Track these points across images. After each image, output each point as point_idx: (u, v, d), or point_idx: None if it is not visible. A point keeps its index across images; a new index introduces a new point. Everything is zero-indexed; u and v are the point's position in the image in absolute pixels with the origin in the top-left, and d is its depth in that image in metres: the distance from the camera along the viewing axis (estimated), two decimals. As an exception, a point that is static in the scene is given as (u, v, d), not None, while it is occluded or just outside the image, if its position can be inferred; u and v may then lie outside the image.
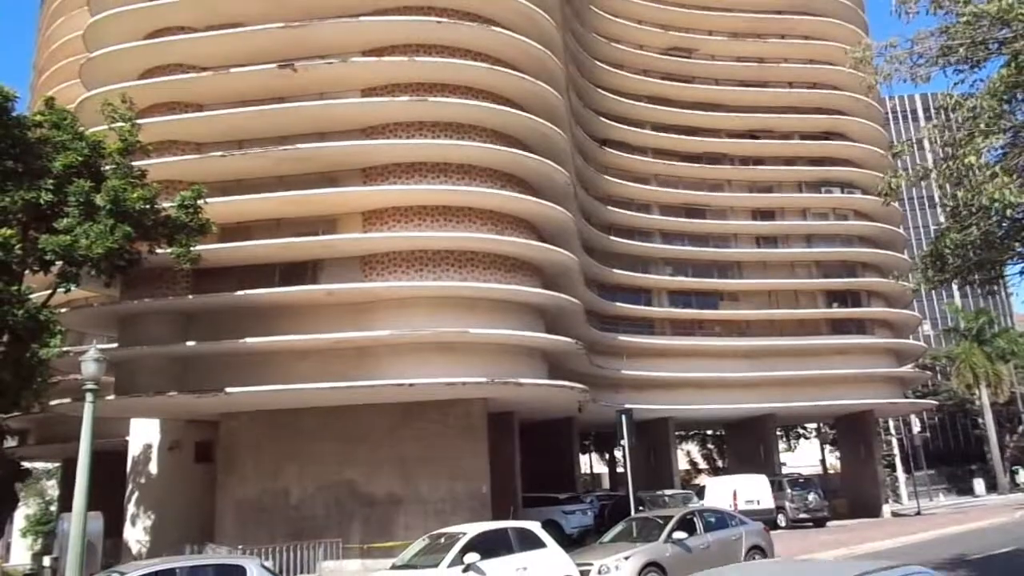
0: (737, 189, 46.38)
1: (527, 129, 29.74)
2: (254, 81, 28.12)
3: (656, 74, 45.73)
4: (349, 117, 28.07)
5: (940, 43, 11.46)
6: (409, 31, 28.33)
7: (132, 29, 29.56)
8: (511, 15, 29.88)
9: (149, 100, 28.26)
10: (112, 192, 21.33)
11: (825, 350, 43.74)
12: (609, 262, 39.50)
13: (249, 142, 28.34)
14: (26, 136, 21.44)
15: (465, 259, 27.65)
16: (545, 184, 30.50)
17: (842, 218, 47.17)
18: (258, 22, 28.25)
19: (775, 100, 47.45)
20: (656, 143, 44.59)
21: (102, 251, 20.77)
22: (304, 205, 27.47)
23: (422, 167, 27.97)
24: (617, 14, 44.39)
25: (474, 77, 28.81)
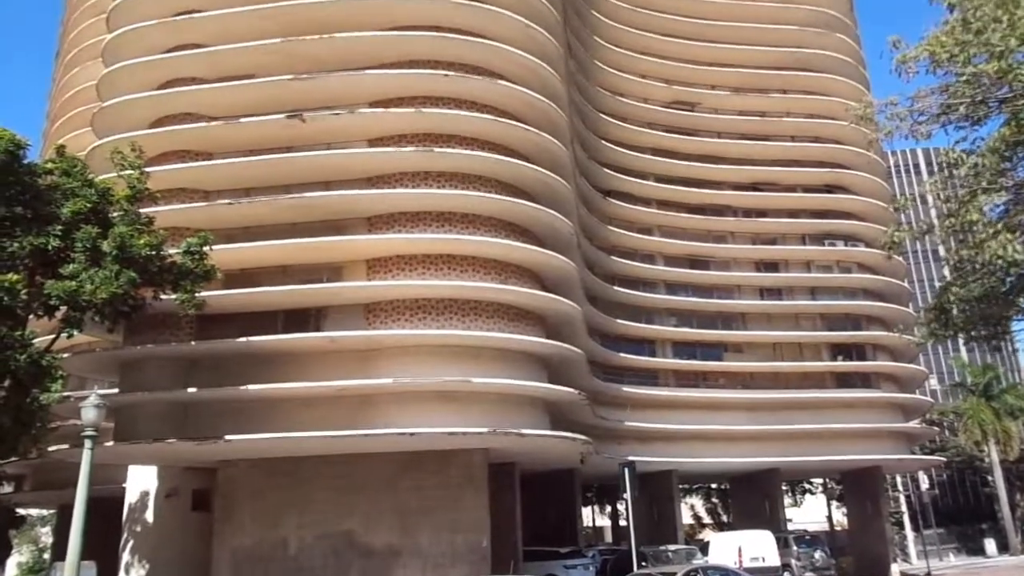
0: (740, 241, 46.54)
1: (531, 180, 30.02)
2: (263, 131, 28.54)
3: (659, 127, 46.31)
4: (355, 166, 28.39)
5: (940, 101, 11.61)
6: (416, 83, 28.83)
7: (144, 79, 30.15)
8: (516, 68, 30.41)
9: (159, 148, 28.66)
10: (119, 238, 21.48)
11: (830, 404, 43.35)
12: (613, 312, 39.46)
13: (256, 190, 28.64)
14: (37, 183, 21.71)
15: (468, 308, 27.65)
16: (549, 234, 30.66)
17: (846, 271, 47.19)
18: (268, 73, 28.80)
19: (777, 153, 47.93)
20: (659, 194, 44.93)
21: (106, 296, 20.84)
22: (309, 253, 27.63)
23: (427, 216, 28.17)
24: (621, 68, 45.17)
25: (479, 128, 29.20)
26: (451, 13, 29.65)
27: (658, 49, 46.87)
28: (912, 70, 11.38)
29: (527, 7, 31.06)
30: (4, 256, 20.81)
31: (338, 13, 29.03)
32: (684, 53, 47.47)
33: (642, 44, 46.43)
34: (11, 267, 20.92)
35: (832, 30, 49.86)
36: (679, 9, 48.14)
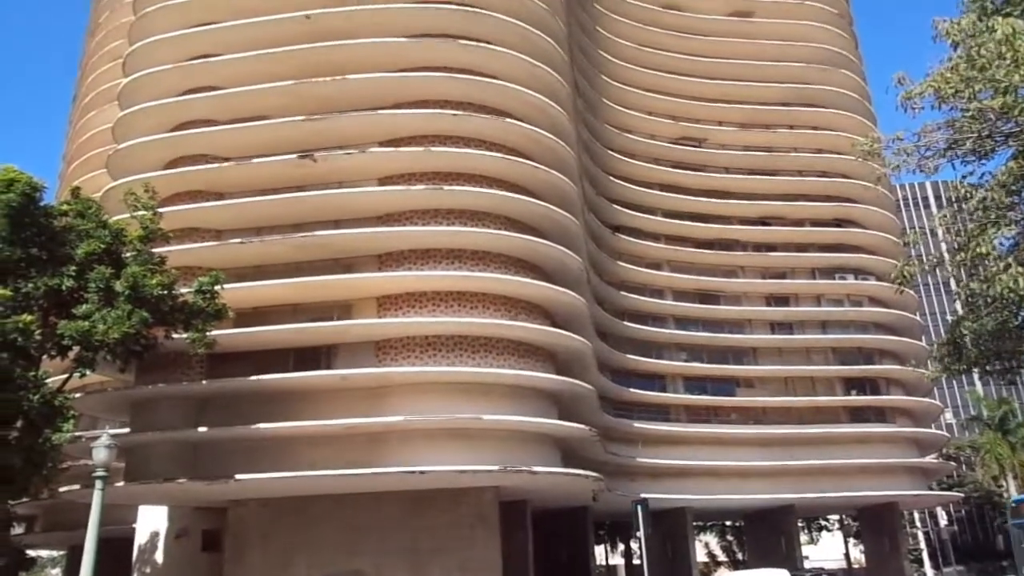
0: (750, 275, 46.49)
1: (540, 216, 30.19)
2: (274, 170, 28.89)
3: (667, 163, 46.62)
4: (366, 205, 28.65)
5: (947, 136, 11.69)
6: (426, 123, 29.20)
7: (159, 122, 30.66)
8: (525, 107, 30.78)
9: (172, 189, 29.03)
10: (131, 278, 21.68)
11: (844, 439, 42.89)
12: (623, 347, 39.35)
13: (267, 229, 28.90)
14: (52, 224, 22.02)
15: (479, 344, 27.63)
16: (559, 270, 30.74)
17: (857, 304, 47.00)
18: (280, 114, 29.24)
19: (785, 188, 48.08)
20: (668, 229, 45.06)
21: (118, 336, 20.96)
22: (320, 291, 27.76)
23: (437, 253, 28.33)
24: (628, 106, 45.63)
25: (489, 166, 29.47)
26: (460, 54, 30.12)
27: (665, 86, 47.39)
28: (918, 106, 11.48)
29: (534, 47, 31.53)
30: (19, 297, 21.01)
31: (349, 55, 29.54)
32: (690, 90, 47.97)
33: (649, 82, 46.97)
34: (25, 308, 21.12)
35: (837, 67, 50.33)
36: (684, 47, 48.77)
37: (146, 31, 32.28)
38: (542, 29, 32.07)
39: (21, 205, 21.02)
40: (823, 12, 51.57)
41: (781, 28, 50.57)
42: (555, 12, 33.70)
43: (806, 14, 51.12)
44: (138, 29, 32.75)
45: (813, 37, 50.61)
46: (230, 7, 31.05)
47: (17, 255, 21.38)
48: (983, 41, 10.79)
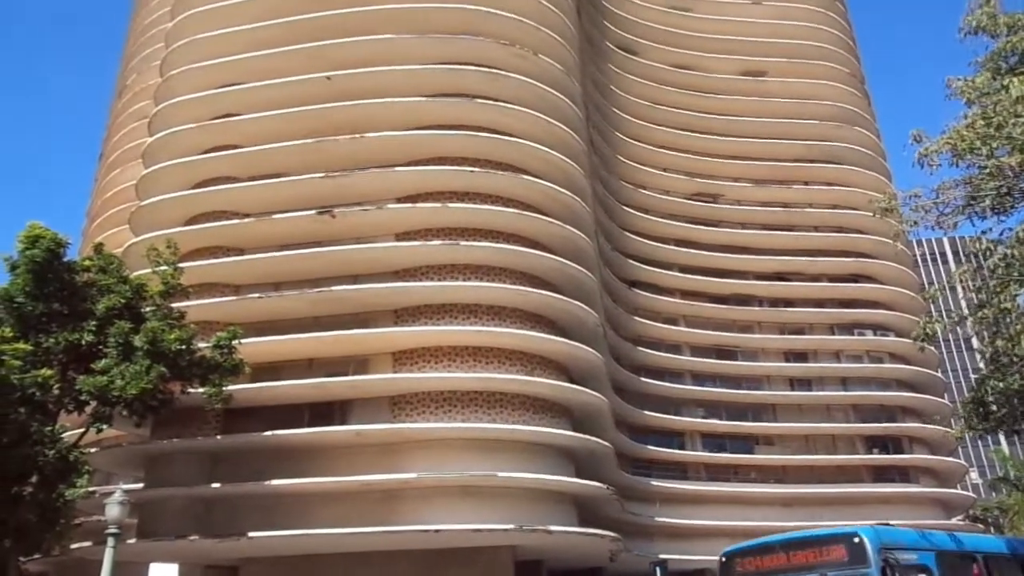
0: (768, 331, 46.13)
1: (556, 271, 30.27)
2: (293, 226, 29.27)
3: (682, 218, 46.80)
4: (383, 260, 28.87)
5: (965, 193, 11.67)
6: (442, 179, 29.58)
7: (181, 179, 31.29)
8: (541, 164, 31.15)
9: (192, 245, 29.40)
10: (150, 333, 21.82)
11: (868, 499, 41.82)
12: (640, 404, 38.93)
13: (285, 284, 29.12)
14: (74, 280, 22.31)
15: (494, 400, 27.44)
16: (575, 325, 30.65)
17: (877, 361, 46.41)
18: (300, 171, 29.74)
19: (801, 243, 48.03)
20: (684, 285, 44.98)
21: (136, 391, 21.02)
22: (336, 345, 27.80)
23: (453, 308, 28.38)
24: (643, 162, 46.07)
25: (504, 222, 29.71)
26: (476, 112, 30.67)
27: (679, 143, 47.90)
28: (935, 163, 11.50)
29: (550, 105, 32.07)
30: (39, 352, 21.17)
31: (368, 113, 30.17)
32: (705, 147, 48.43)
33: (663, 139, 47.51)
34: (45, 362, 21.25)
35: (851, 124, 50.74)
36: (698, 106, 49.41)
37: (172, 92, 33.20)
38: (557, 88, 32.66)
39: (45, 261, 21.35)
40: (835, 71, 52.24)
41: (794, 87, 51.21)
42: (570, 72, 34.35)
43: (819, 73, 51.78)
44: (164, 90, 33.69)
45: (826, 95, 51.15)
46: (253, 69, 31.92)
47: (40, 310, 21.63)
48: (998, 100, 10.87)
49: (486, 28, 32.10)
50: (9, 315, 21.32)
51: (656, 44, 50.11)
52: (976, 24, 12.01)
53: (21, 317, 21.43)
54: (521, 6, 32.97)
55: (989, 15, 11.87)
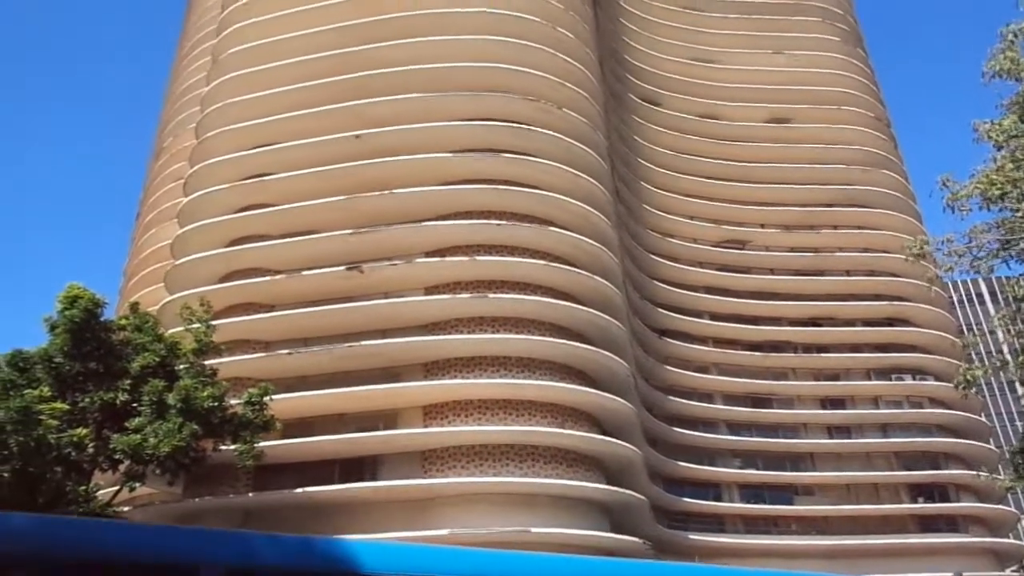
0: (802, 377, 45.30)
1: (585, 322, 30.16)
2: (323, 282, 29.63)
3: (711, 265, 46.55)
4: (412, 315, 29.04)
5: (998, 236, 11.50)
6: (471, 233, 29.86)
7: (215, 238, 31.94)
8: (567, 215, 31.33)
9: (225, 302, 29.86)
10: (183, 391, 22.06)
11: (915, 550, 40.33)
12: (674, 454, 38.23)
13: (315, 339, 29.37)
14: (110, 339, 22.73)
15: (526, 453, 27.16)
16: (605, 376, 30.40)
17: (917, 406, 45.20)
18: (330, 227, 30.25)
19: (833, 288, 47.39)
20: (716, 332, 44.49)
21: (169, 449, 21.16)
22: (366, 400, 27.83)
23: (483, 361, 28.35)
24: (670, 211, 46.11)
25: (533, 274, 29.80)
26: (503, 167, 31.07)
27: (705, 191, 47.90)
28: (965, 208, 11.39)
29: (576, 158, 32.39)
30: (75, 411, 21.47)
31: (397, 170, 30.70)
32: (731, 194, 48.37)
33: (689, 187, 47.56)
34: (81, 421, 21.53)
35: (878, 167, 50.42)
36: (723, 153, 49.53)
37: (207, 153, 34.14)
38: (583, 141, 33.03)
39: (83, 321, 21.81)
40: (861, 116, 52.19)
41: (820, 132, 51.18)
42: (595, 125, 34.76)
43: (844, 118, 51.76)
44: (200, 151, 34.65)
45: (853, 140, 51.03)
46: (285, 129, 32.76)
47: (76, 369, 22.02)
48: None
49: (512, 85, 32.71)
50: (48, 374, 21.73)
51: (679, 95, 50.57)
52: (999, 68, 11.97)
53: (59, 376, 21.83)
54: (545, 62, 33.60)
55: (1012, 59, 11.84)
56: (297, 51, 34.53)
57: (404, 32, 33.66)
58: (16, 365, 21.50)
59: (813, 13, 55.06)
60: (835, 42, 54.16)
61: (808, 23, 54.47)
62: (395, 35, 33.65)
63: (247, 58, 35.58)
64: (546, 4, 35.24)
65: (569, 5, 36.45)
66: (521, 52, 33.35)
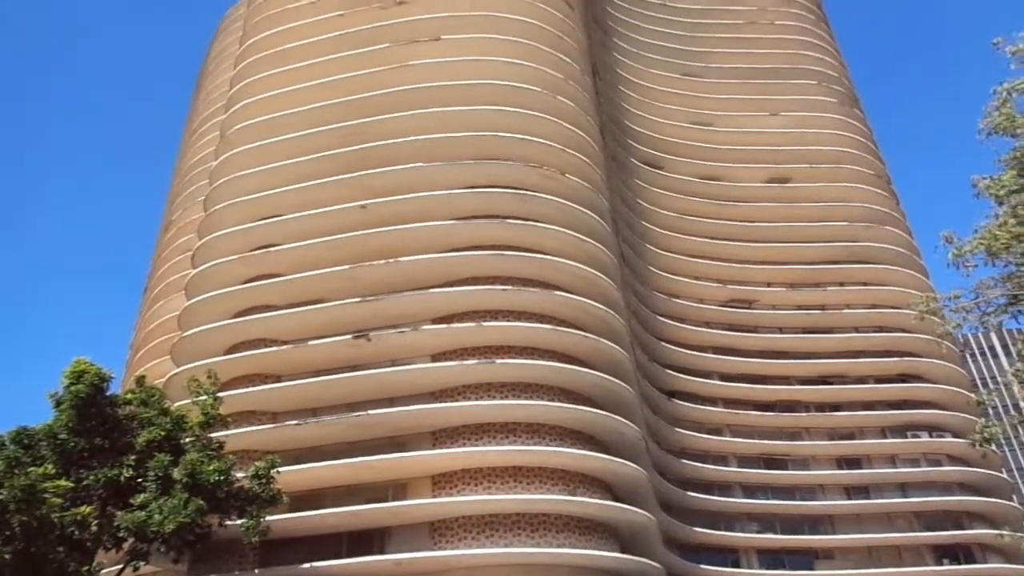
0: (816, 437, 44.57)
1: (593, 386, 29.92)
2: (330, 351, 29.59)
3: (719, 325, 46.35)
4: (419, 382, 28.88)
5: (1005, 291, 11.45)
6: (477, 299, 29.92)
7: (222, 309, 32.07)
8: (573, 279, 31.41)
9: (232, 373, 29.78)
10: (189, 465, 21.79)
11: (943, 615, 38.99)
12: (688, 519, 37.37)
13: (323, 409, 29.20)
14: (116, 413, 22.57)
15: (537, 522, 26.60)
16: (615, 440, 29.99)
17: (935, 464, 44.29)
18: (336, 296, 30.37)
19: (843, 345, 47.03)
20: (726, 393, 44.02)
21: (174, 526, 20.77)
22: (374, 471, 27.46)
23: (491, 427, 28.06)
24: (675, 272, 46.20)
25: (540, 338, 29.72)
26: (507, 232, 31.33)
27: (709, 252, 48.07)
28: (970, 264, 11.38)
29: (579, 222, 32.67)
30: (79, 488, 21.18)
31: (402, 238, 30.98)
32: (736, 254, 48.51)
33: (693, 248, 47.77)
34: (85, 499, 21.22)
35: (881, 223, 50.63)
36: (726, 214, 49.87)
37: (215, 225, 34.58)
38: (586, 205, 33.37)
39: (89, 396, 21.71)
40: (860, 173, 52.67)
41: (820, 191, 51.59)
42: (598, 189, 35.16)
43: (844, 176, 52.25)
44: (208, 224, 35.11)
45: (854, 197, 51.39)
46: (292, 201, 33.25)
47: (81, 445, 21.81)
48: (1026, 198, 10.80)
49: (515, 152, 33.27)
50: (52, 451, 21.52)
51: (680, 158, 51.25)
52: (995, 125, 12.12)
53: (64, 453, 21.62)
54: (547, 130, 34.22)
55: (1007, 116, 11.99)
56: (303, 125, 35.31)
57: (407, 104, 34.45)
58: (21, 442, 21.32)
59: (808, 76, 56.20)
60: (831, 103, 55.10)
61: (804, 86, 55.55)
62: (398, 107, 34.44)
63: (255, 132, 36.38)
64: (546, 74, 36.09)
65: (569, 75, 37.31)
66: (523, 121, 34.02)
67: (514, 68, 35.46)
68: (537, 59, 36.20)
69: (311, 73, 36.99)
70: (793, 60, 56.75)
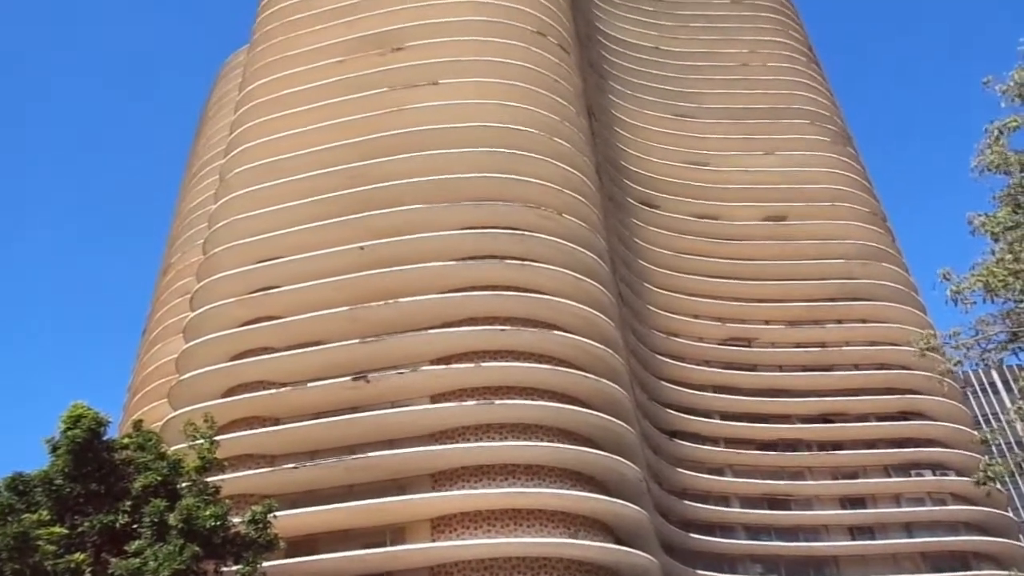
0: (819, 476, 44.13)
1: (593, 426, 29.73)
2: (329, 393, 29.45)
3: (718, 364, 46.21)
4: (418, 423, 28.70)
5: (1005, 328, 11.46)
6: (475, 339, 29.88)
7: (220, 352, 31.98)
8: (571, 319, 31.41)
9: (229, 416, 29.59)
10: (185, 511, 21.46)
11: (954, 659, 38.22)
12: (692, 562, 36.80)
13: (321, 452, 28.95)
14: (113, 458, 22.30)
15: (538, 566, 26.20)
16: (616, 481, 29.70)
17: (940, 503, 43.80)
18: (335, 337, 30.31)
19: (843, 383, 46.83)
20: (727, 432, 43.70)
21: (168, 573, 20.36)
22: (373, 514, 27.14)
23: (490, 469, 27.81)
24: (673, 311, 46.20)
25: (539, 378, 29.62)
26: (505, 273, 31.43)
27: (707, 290, 48.15)
28: (968, 301, 11.41)
29: (577, 261, 32.79)
30: (74, 535, 20.86)
31: (400, 279, 31.05)
32: (733, 292, 48.58)
33: (691, 286, 47.86)
34: (80, 545, 20.87)
35: (878, 260, 50.82)
36: (723, 252, 50.08)
37: (214, 268, 34.66)
38: (584, 245, 33.52)
39: (85, 441, 21.48)
40: (855, 211, 53.04)
41: (816, 228, 51.89)
42: (595, 229, 35.36)
43: (839, 214, 52.60)
44: (207, 267, 35.19)
45: (850, 234, 51.67)
46: (291, 243, 33.38)
47: (77, 491, 21.53)
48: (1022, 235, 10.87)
49: (512, 193, 33.54)
50: (47, 497, 21.23)
51: (676, 197, 51.63)
52: (988, 163, 12.26)
53: (59, 499, 21.32)
54: (544, 171, 34.54)
55: (999, 154, 12.14)
56: (302, 168, 35.62)
57: (405, 147, 34.81)
58: (16, 488, 21.05)
59: (801, 116, 56.95)
60: (824, 142, 55.75)
61: (796, 125, 56.27)
62: (396, 150, 34.79)
63: (254, 175, 36.68)
64: (543, 116, 36.55)
65: (565, 116, 37.79)
66: (520, 162, 34.36)
67: (511, 111, 35.93)
68: (533, 102, 36.69)
69: (311, 117, 37.44)
70: (786, 100, 57.58)
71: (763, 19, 63.60)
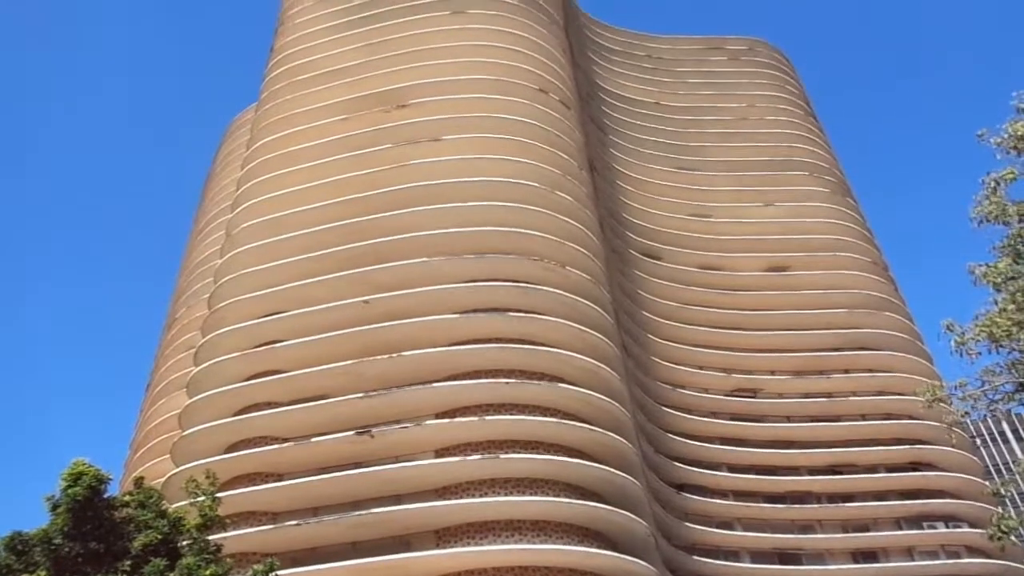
0: (830, 529, 43.35)
1: (599, 480, 29.39)
2: (332, 448, 29.23)
3: (724, 415, 45.82)
4: (423, 478, 28.41)
5: (1012, 379, 11.43)
6: (480, 393, 29.76)
7: (223, 407, 31.85)
8: (575, 371, 31.31)
9: (232, 472, 29.34)
10: (185, 570, 21.09)
11: None
12: (703, 621, 35.96)
13: (324, 508, 28.59)
14: (113, 516, 22.02)
15: (545, 625, 25.63)
16: (624, 537, 29.22)
17: (954, 556, 42.90)
18: (339, 392, 30.20)
19: (851, 433, 46.31)
20: (735, 485, 43.08)
21: (165, 640, 19.95)
22: (376, 573, 26.69)
23: (496, 525, 27.41)
24: (678, 362, 46.02)
25: (544, 432, 29.40)
26: (509, 326, 31.46)
27: (712, 341, 48.02)
28: (973, 352, 11.40)
29: (580, 314, 32.83)
30: (71, 597, 20.48)
31: (404, 332, 31.08)
32: (738, 342, 48.44)
33: (695, 337, 47.76)
34: (77, 608, 20.47)
35: (881, 310, 50.75)
36: (726, 303, 50.09)
37: (219, 323, 34.75)
38: (587, 297, 33.61)
39: (86, 499, 21.24)
40: (857, 261, 53.22)
41: (819, 278, 51.97)
42: (598, 281, 35.49)
43: (841, 264, 52.76)
44: (212, 321, 35.29)
45: (852, 284, 51.72)
46: (295, 298, 33.53)
47: (76, 550, 21.21)
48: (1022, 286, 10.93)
49: (515, 246, 33.78)
50: (46, 557, 20.90)
51: (678, 248, 51.91)
52: (986, 213, 12.38)
53: (58, 559, 20.97)
54: (546, 224, 34.84)
55: (997, 204, 12.27)
56: (307, 223, 35.99)
57: (409, 201, 35.21)
58: (14, 548, 20.73)
59: (800, 168, 57.63)
60: (824, 193, 56.27)
61: (796, 177, 56.89)
62: (400, 205, 35.18)
63: (259, 231, 37.04)
64: (545, 170, 37.03)
65: (567, 170, 38.28)
66: (523, 215, 34.69)
67: (513, 165, 36.43)
68: (535, 156, 37.22)
69: (316, 173, 37.98)
70: (785, 152, 58.33)
71: (760, 74, 64.89)
